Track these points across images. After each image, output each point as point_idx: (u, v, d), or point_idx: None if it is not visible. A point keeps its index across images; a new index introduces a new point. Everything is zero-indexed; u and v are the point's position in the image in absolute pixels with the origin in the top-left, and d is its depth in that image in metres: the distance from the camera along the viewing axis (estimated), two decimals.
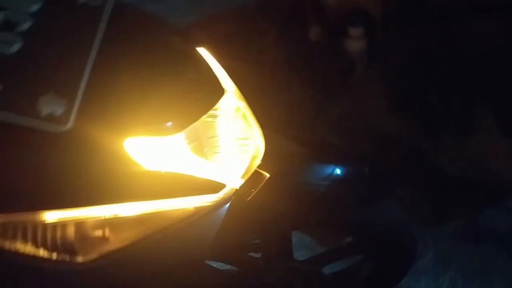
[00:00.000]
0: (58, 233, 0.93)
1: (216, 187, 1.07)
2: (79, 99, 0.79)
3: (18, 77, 0.79)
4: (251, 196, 1.18)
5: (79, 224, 0.94)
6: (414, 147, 2.19)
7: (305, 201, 1.35)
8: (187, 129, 1.03)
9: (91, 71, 0.84)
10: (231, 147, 1.15)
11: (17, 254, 0.90)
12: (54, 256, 0.92)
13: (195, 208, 1.05)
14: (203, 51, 1.18)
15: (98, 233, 0.96)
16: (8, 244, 0.89)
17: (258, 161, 1.18)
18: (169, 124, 0.99)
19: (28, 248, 0.91)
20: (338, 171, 1.44)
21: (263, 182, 1.21)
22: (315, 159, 1.44)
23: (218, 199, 1.08)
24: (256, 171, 1.18)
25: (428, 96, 2.28)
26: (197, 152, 1.07)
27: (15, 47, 0.81)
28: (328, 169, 1.43)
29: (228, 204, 1.10)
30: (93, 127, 0.86)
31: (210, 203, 1.07)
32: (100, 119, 0.88)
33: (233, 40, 2.28)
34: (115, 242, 0.97)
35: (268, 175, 1.22)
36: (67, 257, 0.93)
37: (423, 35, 2.35)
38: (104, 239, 0.97)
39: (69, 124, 0.77)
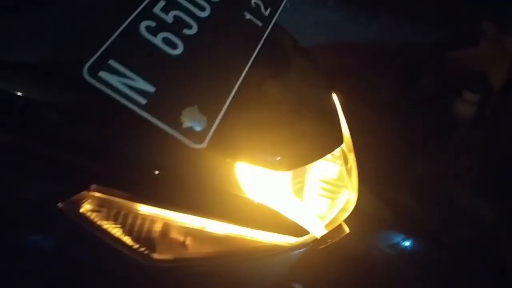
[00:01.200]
0: (146, 226, 0.95)
1: (299, 231, 1.06)
2: (218, 122, 0.80)
3: (171, 82, 0.79)
4: (324, 245, 1.17)
5: (166, 225, 0.97)
6: (489, 235, 2.07)
7: (367, 264, 1.34)
8: (295, 170, 1.03)
9: (234, 96, 0.84)
10: (327, 195, 1.14)
11: (105, 233, 0.93)
12: (136, 245, 0.95)
13: (274, 244, 1.05)
14: (334, 97, 1.17)
15: (180, 238, 0.98)
16: (100, 221, 0.93)
17: (346, 215, 1.16)
18: (279, 159, 0.99)
19: (115, 231, 0.94)
20: (406, 243, 1.42)
21: (341, 236, 1.19)
22: (392, 225, 1.42)
23: (297, 243, 1.07)
24: (339, 223, 1.17)
25: None
26: (296, 193, 1.06)
27: (178, 51, 0.82)
28: (397, 238, 1.42)
29: (303, 249, 1.10)
30: (219, 149, 0.87)
31: (288, 244, 1.06)
32: (226, 143, 0.89)
33: (350, 72, 2.24)
34: (192, 251, 0.99)
35: (347, 231, 1.20)
36: (146, 251, 0.96)
37: None
38: (183, 245, 0.99)
39: (204, 144, 0.77)
